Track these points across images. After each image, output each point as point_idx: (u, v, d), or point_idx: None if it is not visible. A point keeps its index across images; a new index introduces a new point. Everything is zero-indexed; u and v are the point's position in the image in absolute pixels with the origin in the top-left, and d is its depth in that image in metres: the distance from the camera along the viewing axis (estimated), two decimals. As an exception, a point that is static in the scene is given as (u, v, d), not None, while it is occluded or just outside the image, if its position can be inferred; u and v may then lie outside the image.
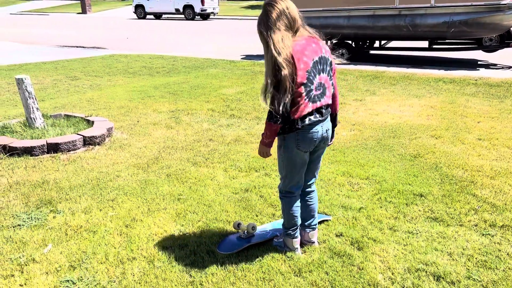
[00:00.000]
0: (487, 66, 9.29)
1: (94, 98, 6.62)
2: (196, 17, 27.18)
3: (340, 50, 10.26)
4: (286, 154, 2.36)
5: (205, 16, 27.44)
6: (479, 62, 9.76)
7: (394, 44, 10.43)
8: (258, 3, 35.95)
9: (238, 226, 2.76)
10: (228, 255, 2.56)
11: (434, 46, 9.56)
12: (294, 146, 2.31)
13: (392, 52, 11.06)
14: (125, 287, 2.32)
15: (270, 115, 2.21)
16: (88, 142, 4.45)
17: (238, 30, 19.69)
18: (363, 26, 9.46)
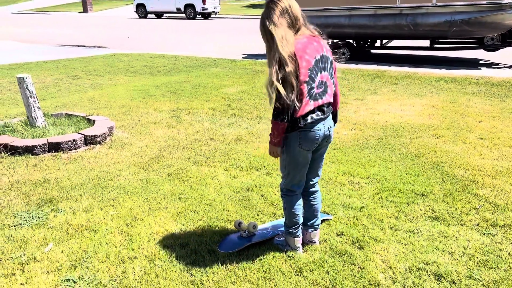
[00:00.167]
0: (489, 65, 9.27)
1: (95, 97, 6.63)
2: (197, 16, 27.17)
3: (341, 50, 10.26)
4: (289, 153, 2.35)
5: (206, 15, 27.43)
6: (481, 62, 9.75)
7: (395, 43, 10.41)
8: (259, 2, 35.95)
9: (239, 225, 2.76)
10: (229, 254, 2.56)
11: (436, 45, 9.54)
12: (297, 145, 2.30)
13: (393, 51, 11.05)
14: (126, 286, 2.32)
15: (276, 114, 2.19)
16: (89, 141, 4.45)
17: (239, 29, 19.69)
18: (364, 25, 9.45)
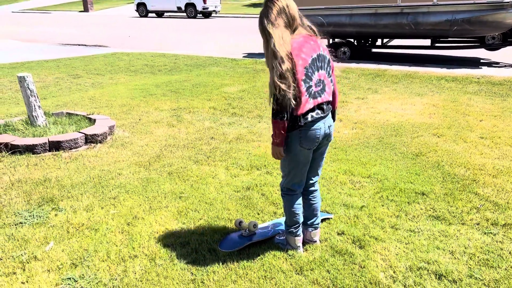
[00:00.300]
0: (490, 64, 9.26)
1: (96, 96, 6.63)
2: (198, 15, 27.17)
3: (342, 48, 10.25)
4: (290, 152, 2.35)
5: (207, 14, 27.42)
6: (482, 61, 9.73)
7: (396, 42, 10.40)
8: (260, 1, 35.91)
9: (240, 224, 2.76)
10: (229, 253, 2.56)
11: (437, 45, 9.53)
12: (298, 144, 2.30)
13: (394, 50, 11.03)
14: (126, 285, 2.32)
15: (275, 113, 2.20)
16: (90, 140, 4.45)
17: (240, 28, 19.68)
18: (365, 24, 9.43)
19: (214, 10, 27.30)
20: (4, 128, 4.61)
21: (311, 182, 2.58)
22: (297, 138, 2.28)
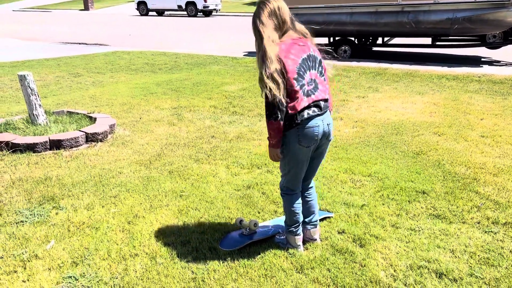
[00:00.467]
0: (491, 63, 9.25)
1: (96, 95, 6.63)
2: (198, 14, 27.15)
3: (342, 47, 10.24)
4: (289, 151, 2.35)
5: (207, 13, 27.39)
6: (483, 59, 9.72)
7: (397, 41, 10.39)
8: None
9: (240, 223, 2.76)
10: (230, 252, 2.57)
11: (437, 43, 9.52)
12: (296, 142, 2.30)
13: (395, 49, 11.02)
14: (127, 284, 2.32)
15: (268, 114, 2.23)
16: (90, 138, 4.46)
17: (240, 27, 19.65)
18: (366, 22, 9.42)
19: (215, 9, 27.27)
20: (5, 126, 4.61)
21: (307, 181, 2.60)
22: (295, 136, 2.29)
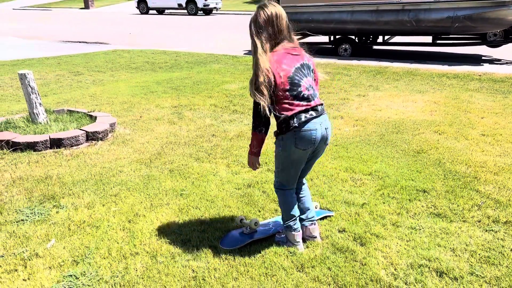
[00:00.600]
0: (491, 61, 9.23)
1: (97, 94, 6.63)
2: (198, 12, 27.11)
3: (343, 46, 10.23)
4: (284, 152, 2.36)
5: (208, 11, 27.37)
6: (483, 58, 9.71)
7: (397, 39, 10.38)
8: (261, -2, 35.81)
9: (241, 222, 2.76)
10: (230, 250, 2.57)
11: (438, 41, 9.51)
12: (293, 145, 2.30)
13: (395, 47, 11.01)
14: (128, 282, 2.32)
15: (254, 126, 2.30)
16: (91, 137, 4.45)
17: (241, 25, 19.62)
18: (366, 21, 9.41)
19: (215, 7, 27.23)
20: (5, 125, 4.61)
21: (300, 179, 2.64)
22: (292, 139, 2.29)
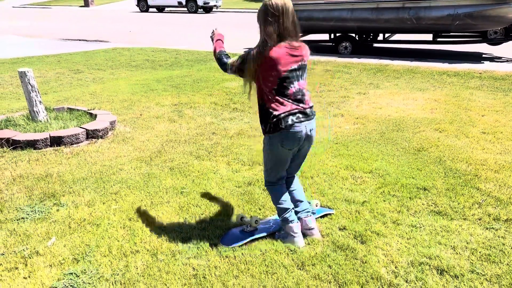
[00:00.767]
0: (492, 59, 9.22)
1: (97, 92, 6.62)
2: (198, 10, 27.08)
3: (343, 43, 10.22)
4: (272, 151, 2.51)
5: (208, 9, 27.33)
6: (484, 55, 9.70)
7: (398, 37, 10.36)
8: (261, -4, 35.75)
9: (242, 220, 2.76)
10: (231, 248, 2.56)
11: (438, 39, 9.49)
12: (279, 144, 2.46)
13: (395, 45, 11.00)
14: (128, 280, 2.32)
15: (220, 64, 2.72)
16: (91, 135, 4.45)
17: (241, 23, 19.60)
18: (367, 19, 9.40)
19: (215, 5, 27.20)
20: (5, 123, 4.61)
21: (291, 175, 2.73)
22: (278, 139, 2.44)
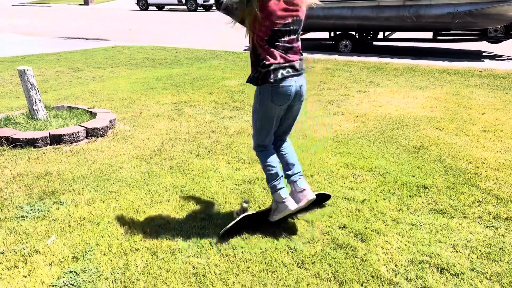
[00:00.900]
0: (492, 57, 9.22)
1: (96, 90, 6.61)
2: (198, 8, 27.04)
3: (343, 42, 10.20)
4: (261, 108, 2.52)
5: (207, 7, 27.28)
6: (484, 54, 9.69)
7: (398, 35, 10.35)
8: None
9: (237, 215, 2.78)
10: (231, 246, 2.56)
11: (439, 37, 9.48)
12: (269, 100, 2.46)
13: (396, 43, 10.98)
14: (128, 279, 2.32)
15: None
16: (91, 133, 4.45)
17: (240, 21, 19.56)
18: (367, 17, 9.39)
19: (215, 3, 27.14)
20: (5, 121, 4.60)
21: (281, 138, 2.77)
22: (268, 94, 2.45)
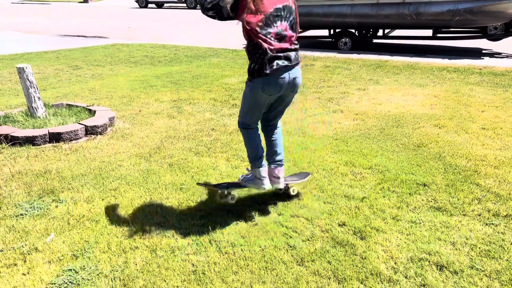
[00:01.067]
0: (492, 55, 9.20)
1: (96, 88, 6.60)
2: (198, 6, 26.98)
3: (343, 39, 10.19)
4: (251, 94, 2.54)
5: (207, 5, 27.21)
6: (484, 51, 9.68)
7: (397, 33, 10.34)
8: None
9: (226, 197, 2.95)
10: (230, 244, 2.56)
11: (438, 35, 9.47)
12: (260, 88, 2.49)
13: (395, 41, 10.97)
14: (127, 276, 2.32)
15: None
16: (90, 131, 4.44)
17: (240, 19, 19.52)
18: (367, 14, 9.37)
19: (215, 1, 27.10)
20: (4, 119, 4.59)
21: (272, 122, 2.79)
22: (260, 83, 2.48)
